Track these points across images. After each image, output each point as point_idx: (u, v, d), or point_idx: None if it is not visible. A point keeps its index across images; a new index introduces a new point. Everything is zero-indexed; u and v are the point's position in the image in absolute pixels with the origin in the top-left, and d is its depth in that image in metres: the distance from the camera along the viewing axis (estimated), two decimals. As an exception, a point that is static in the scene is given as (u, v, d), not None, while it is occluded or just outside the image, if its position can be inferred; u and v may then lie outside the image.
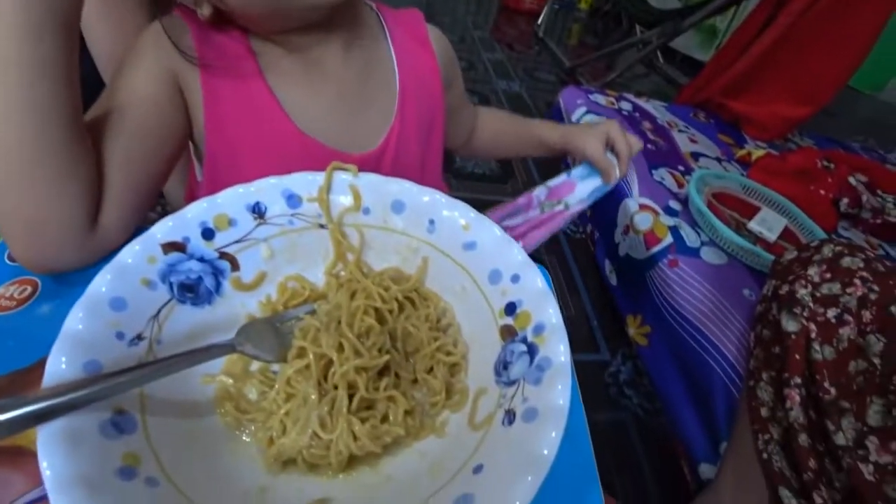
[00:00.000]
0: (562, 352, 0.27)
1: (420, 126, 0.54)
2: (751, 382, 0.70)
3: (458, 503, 0.22)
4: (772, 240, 1.05)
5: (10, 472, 0.26)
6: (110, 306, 0.27)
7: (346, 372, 0.29)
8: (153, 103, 0.40)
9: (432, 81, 0.55)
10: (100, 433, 0.23)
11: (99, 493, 0.20)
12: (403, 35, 0.54)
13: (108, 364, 0.25)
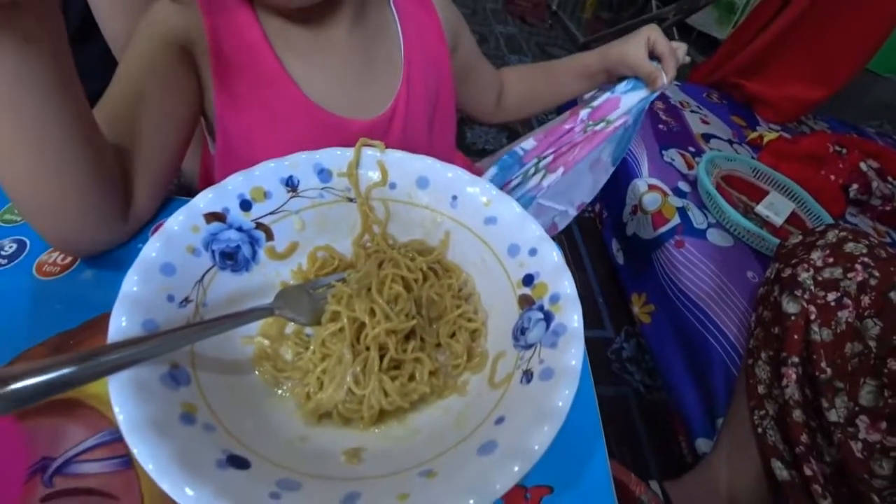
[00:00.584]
0: (576, 319, 0.30)
1: (427, 88, 0.55)
2: (749, 361, 0.73)
3: (484, 448, 0.25)
4: (778, 224, 1.07)
5: (66, 421, 0.29)
6: (161, 271, 0.30)
7: (377, 334, 0.31)
8: (167, 79, 0.42)
9: (437, 43, 0.56)
10: (161, 383, 0.26)
11: (167, 435, 0.23)
12: (408, 1, 0.55)
13: (163, 323, 0.28)
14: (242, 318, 0.31)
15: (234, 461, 0.24)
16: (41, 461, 0.28)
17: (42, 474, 0.27)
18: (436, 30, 0.56)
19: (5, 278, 0.36)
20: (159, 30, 0.42)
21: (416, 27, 0.54)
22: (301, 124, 0.47)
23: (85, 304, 0.35)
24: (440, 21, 0.56)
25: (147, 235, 0.40)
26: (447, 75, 0.57)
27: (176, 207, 0.42)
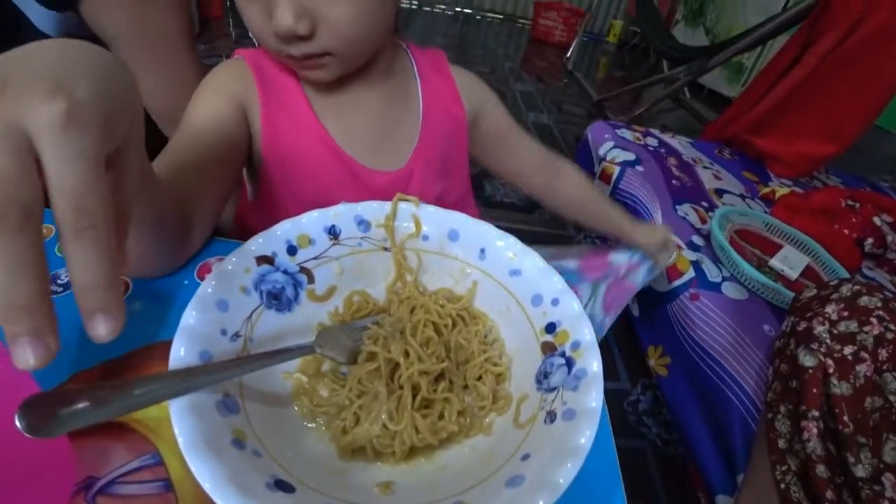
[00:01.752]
0: (595, 364, 0.32)
1: (441, 147, 0.60)
2: (769, 415, 0.73)
3: (512, 482, 0.27)
4: (793, 277, 1.08)
5: (112, 443, 0.31)
6: (216, 307, 0.33)
7: (411, 374, 0.34)
8: (227, 130, 0.48)
9: (452, 106, 0.61)
10: (215, 409, 0.28)
11: (221, 457, 0.25)
12: (429, 69, 0.61)
13: (216, 354, 0.31)
14: (287, 355, 0.34)
15: (281, 485, 0.26)
16: (87, 480, 0.29)
17: (86, 493, 0.29)
18: (451, 94, 0.61)
19: (59, 305, 0.39)
20: (220, 89, 0.49)
21: (436, 93, 0.60)
22: (333, 171, 0.53)
23: (132, 334, 0.38)
24: (456, 86, 0.62)
25: (191, 272, 0.44)
26: (462, 136, 0.62)
27: (215, 247, 0.46)
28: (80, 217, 0.20)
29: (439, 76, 0.62)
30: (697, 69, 2.28)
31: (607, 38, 4.97)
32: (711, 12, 3.75)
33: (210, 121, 0.47)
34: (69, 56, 0.24)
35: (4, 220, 0.18)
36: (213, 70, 0.52)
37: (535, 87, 3.20)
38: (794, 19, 1.77)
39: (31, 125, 0.20)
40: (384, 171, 0.56)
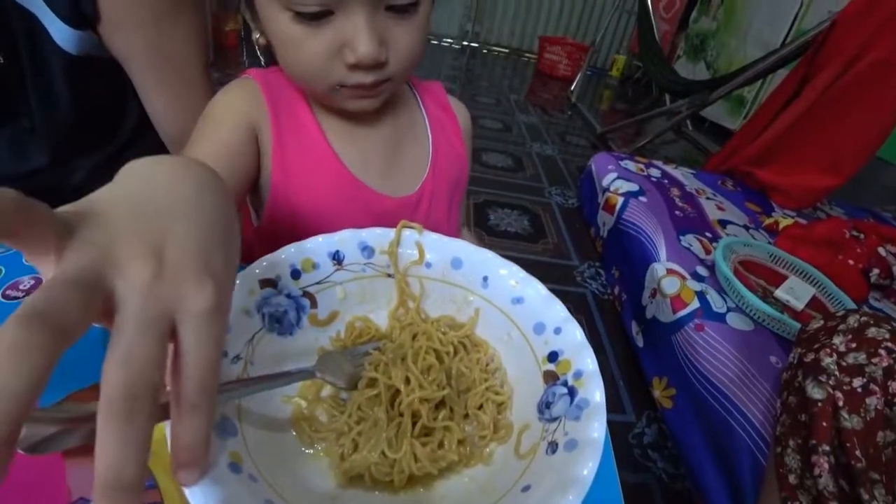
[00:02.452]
0: (598, 395, 0.32)
1: (450, 179, 0.61)
2: (778, 449, 0.72)
3: (511, 515, 0.27)
4: (799, 308, 1.07)
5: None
6: None
7: (412, 402, 0.34)
8: (238, 151, 0.48)
9: (456, 142, 0.63)
10: (213, 432, 0.28)
11: (218, 481, 0.25)
12: (431, 101, 0.63)
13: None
14: (287, 379, 0.34)
15: (277, 513, 0.26)
16: (78, 501, 0.29)
17: (78, 514, 0.28)
18: (456, 131, 0.63)
19: None
20: (228, 114, 0.50)
21: (442, 127, 0.62)
22: (343, 194, 0.54)
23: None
24: (459, 123, 0.64)
25: None
26: (463, 170, 0.64)
27: None
28: (202, 394, 0.22)
29: (442, 110, 0.63)
30: (699, 102, 2.31)
31: (610, 73, 5.06)
32: (712, 48, 3.83)
33: (219, 145, 0.47)
34: (202, 213, 0.25)
35: (141, 402, 0.19)
36: (222, 91, 0.52)
37: (539, 119, 3.25)
38: (794, 54, 1.81)
39: (182, 310, 0.21)
40: (394, 197, 0.56)
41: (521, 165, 2.42)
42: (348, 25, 0.42)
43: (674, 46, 4.38)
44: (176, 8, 0.58)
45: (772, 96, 1.80)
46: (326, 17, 0.42)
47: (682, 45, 4.26)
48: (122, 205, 0.24)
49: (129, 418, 0.19)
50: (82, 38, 0.56)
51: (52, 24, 0.54)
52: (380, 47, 0.43)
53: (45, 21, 0.54)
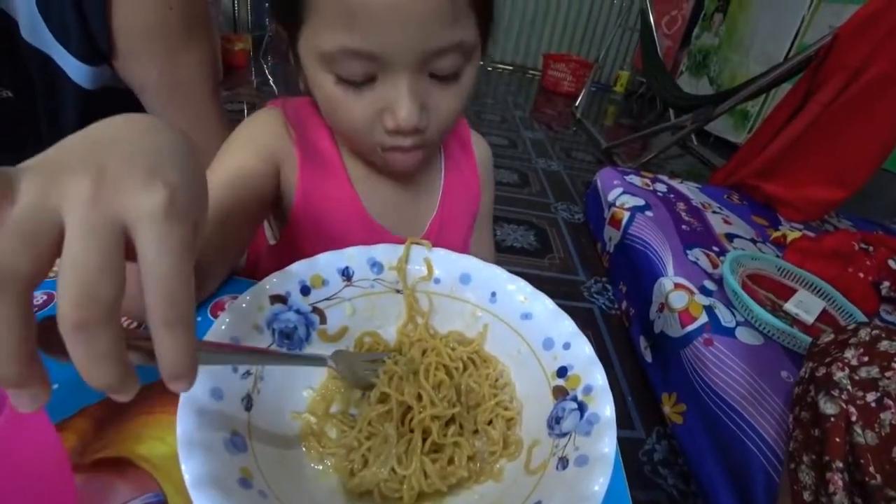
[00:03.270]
0: (608, 409, 0.32)
1: (461, 217, 0.62)
2: (791, 465, 0.71)
3: (523, 531, 0.27)
4: (809, 322, 1.06)
5: (115, 479, 0.31)
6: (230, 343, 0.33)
7: (423, 419, 0.34)
8: (257, 185, 0.48)
9: (471, 177, 0.64)
10: (223, 447, 0.28)
11: (229, 496, 0.25)
12: (452, 139, 0.63)
13: (227, 392, 0.31)
14: (300, 361, 0.35)
15: (287, 529, 0.26)
16: None
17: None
18: (471, 165, 0.64)
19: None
20: (255, 143, 0.50)
21: (456, 164, 0.62)
22: (359, 232, 0.55)
23: (143, 368, 0.39)
24: (476, 162, 0.64)
25: (205, 309, 0.44)
26: (475, 209, 0.65)
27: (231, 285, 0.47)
28: (172, 309, 0.21)
29: (461, 148, 0.64)
30: (704, 117, 2.32)
31: (614, 88, 5.10)
32: (715, 63, 3.85)
33: (241, 174, 0.47)
34: (154, 140, 0.24)
35: (93, 313, 0.19)
36: (248, 120, 0.53)
37: (544, 135, 3.27)
38: (796, 68, 1.82)
39: (130, 215, 0.20)
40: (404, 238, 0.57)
41: (527, 181, 2.43)
42: (390, 91, 0.42)
43: (677, 62, 4.41)
44: (188, 35, 0.59)
45: (776, 110, 1.81)
46: (369, 83, 0.43)
47: (685, 61, 4.29)
48: (70, 143, 0.23)
49: (86, 330, 0.19)
50: (97, 72, 0.57)
51: (68, 63, 0.56)
52: (420, 113, 0.43)
53: (60, 61, 0.55)
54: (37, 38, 0.54)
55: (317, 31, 0.41)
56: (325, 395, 0.37)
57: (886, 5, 1.46)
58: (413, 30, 0.39)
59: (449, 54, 0.42)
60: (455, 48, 0.42)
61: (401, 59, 0.41)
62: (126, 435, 0.33)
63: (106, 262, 0.19)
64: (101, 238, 0.20)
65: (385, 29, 0.39)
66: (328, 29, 0.40)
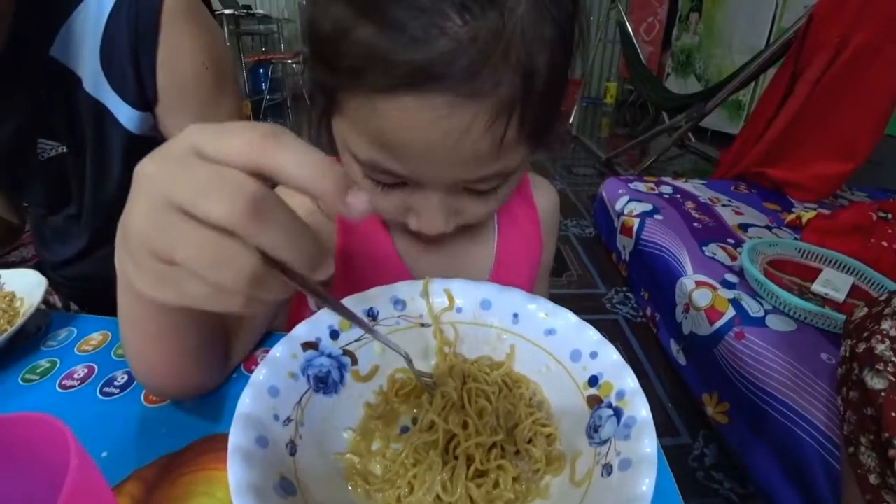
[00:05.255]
0: (644, 410, 0.32)
1: (520, 273, 0.58)
2: (850, 449, 0.68)
3: (577, 540, 0.27)
4: (840, 300, 1.04)
5: None
6: (268, 393, 0.34)
7: (467, 447, 0.34)
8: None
9: (531, 233, 0.59)
10: (274, 492, 0.28)
11: None
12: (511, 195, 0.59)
13: (272, 439, 0.31)
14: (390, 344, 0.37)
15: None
16: None
17: None
18: (533, 219, 0.59)
19: (118, 406, 0.42)
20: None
21: (513, 220, 0.58)
22: None
23: (188, 428, 0.40)
24: (538, 214, 0.59)
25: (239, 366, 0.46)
26: (535, 264, 0.61)
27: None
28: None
29: (521, 200, 0.59)
30: (697, 114, 2.34)
31: (605, 101, 5.17)
32: (699, 60, 3.90)
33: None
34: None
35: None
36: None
37: (543, 157, 3.30)
38: (778, 53, 1.84)
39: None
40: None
41: (533, 203, 2.45)
42: (420, 200, 0.41)
43: (661, 66, 4.47)
44: (219, 92, 0.67)
45: (765, 96, 1.82)
46: (400, 185, 0.40)
47: (670, 63, 4.35)
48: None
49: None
50: (144, 118, 0.65)
51: (120, 110, 0.63)
52: (447, 221, 0.41)
53: (113, 109, 0.63)
54: (97, 89, 0.62)
55: (351, 132, 0.38)
56: (364, 435, 0.38)
57: (858, -21, 1.49)
58: (451, 168, 0.36)
59: (488, 180, 0.40)
60: (495, 176, 0.39)
61: (436, 183, 0.39)
62: (176, 493, 0.34)
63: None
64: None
65: (421, 162, 0.36)
66: (363, 138, 0.37)
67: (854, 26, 1.51)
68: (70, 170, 0.66)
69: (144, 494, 0.34)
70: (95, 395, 0.43)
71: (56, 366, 0.47)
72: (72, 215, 0.71)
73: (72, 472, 0.22)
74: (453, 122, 0.32)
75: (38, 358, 0.48)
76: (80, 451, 0.23)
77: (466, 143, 0.33)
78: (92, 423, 0.40)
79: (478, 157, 0.35)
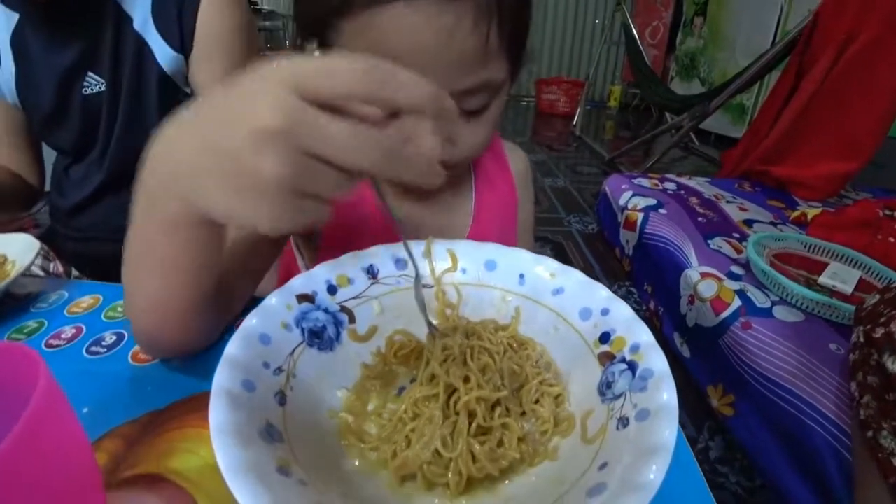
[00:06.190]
0: (660, 362, 0.30)
1: (499, 232, 0.60)
2: (869, 433, 0.66)
3: (592, 492, 0.24)
4: (849, 292, 1.02)
5: (147, 495, 0.30)
6: (259, 340, 0.32)
7: (468, 401, 0.32)
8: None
9: (507, 191, 0.62)
10: (258, 436, 0.26)
11: (267, 483, 0.23)
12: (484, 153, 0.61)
13: (259, 385, 0.29)
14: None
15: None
16: None
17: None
18: (507, 178, 0.63)
19: (103, 364, 0.41)
20: None
21: (488, 179, 0.61)
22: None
23: (174, 387, 0.39)
24: (511, 170, 0.63)
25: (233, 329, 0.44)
26: (513, 218, 0.64)
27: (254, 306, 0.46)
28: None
29: (495, 162, 0.63)
30: (701, 113, 2.32)
31: (609, 104, 5.16)
32: (703, 64, 3.90)
33: None
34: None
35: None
36: None
37: (547, 156, 3.29)
38: (783, 53, 1.82)
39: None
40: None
41: (536, 200, 2.43)
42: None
43: (665, 69, 4.47)
44: (248, 56, 0.74)
45: (772, 95, 1.80)
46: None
47: (674, 66, 4.35)
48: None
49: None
50: (178, 60, 0.72)
51: (159, 48, 0.71)
52: (444, 147, 0.43)
53: (154, 46, 0.71)
54: (144, 28, 0.70)
55: None
56: (360, 394, 0.36)
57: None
58: (444, 72, 0.38)
59: (477, 93, 0.42)
60: (482, 87, 0.42)
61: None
62: (158, 450, 0.32)
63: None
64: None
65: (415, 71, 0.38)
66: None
67: (859, 23, 1.50)
68: (105, 109, 0.72)
69: (124, 450, 0.32)
70: (81, 355, 0.42)
71: (44, 326, 0.46)
72: (93, 161, 0.76)
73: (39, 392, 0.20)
74: (442, 21, 0.36)
75: (26, 319, 0.47)
76: (49, 377, 0.21)
77: (455, 44, 0.37)
78: (75, 380, 0.39)
79: (465, 59, 0.39)
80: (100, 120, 0.73)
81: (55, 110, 0.72)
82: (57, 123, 0.74)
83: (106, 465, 0.31)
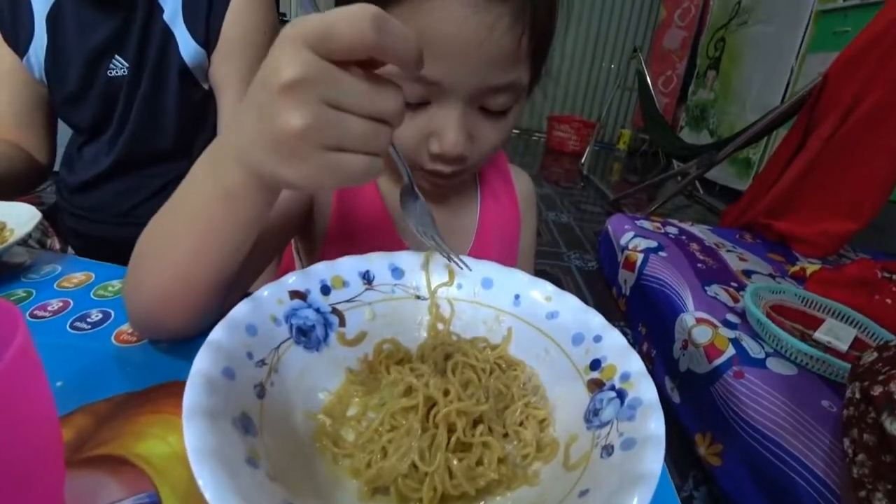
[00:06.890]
0: (650, 391, 0.29)
1: (500, 247, 0.61)
2: (861, 493, 0.64)
3: (571, 516, 0.24)
4: (844, 350, 1.01)
5: (108, 477, 0.29)
6: (245, 330, 0.31)
7: (448, 413, 0.31)
8: (288, 204, 0.49)
9: (510, 209, 0.63)
10: (232, 425, 0.25)
11: (231, 471, 0.22)
12: (490, 168, 0.64)
13: (240, 375, 0.28)
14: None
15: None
16: None
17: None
18: (511, 197, 0.64)
19: (85, 341, 0.40)
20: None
21: (495, 195, 0.63)
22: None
23: (154, 370, 0.38)
24: (515, 189, 0.65)
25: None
26: (516, 235, 0.65)
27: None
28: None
29: (501, 179, 0.64)
30: (708, 162, 2.35)
31: (618, 146, 5.23)
32: (713, 116, 3.96)
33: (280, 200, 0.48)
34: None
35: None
36: None
37: (553, 191, 3.32)
38: (792, 110, 1.86)
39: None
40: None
41: (539, 233, 2.44)
42: (441, 118, 0.43)
43: (676, 118, 4.54)
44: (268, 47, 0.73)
45: (779, 149, 1.83)
46: (423, 106, 0.44)
47: (684, 117, 4.42)
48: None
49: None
50: (200, 55, 0.74)
51: (185, 41, 0.73)
52: (466, 142, 0.44)
53: (179, 38, 0.73)
54: (173, 20, 0.72)
55: None
56: (341, 398, 0.35)
57: (871, 42, 1.52)
58: (479, 65, 0.41)
59: (503, 92, 0.44)
60: (509, 87, 0.44)
61: (459, 90, 0.42)
62: (127, 431, 0.32)
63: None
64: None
65: (453, 60, 0.40)
66: None
67: (867, 86, 1.53)
68: (124, 92, 0.73)
69: (93, 428, 0.31)
70: (64, 328, 0.41)
71: (31, 296, 0.45)
72: (105, 142, 0.78)
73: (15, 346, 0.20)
74: (483, 18, 0.39)
75: (14, 287, 0.46)
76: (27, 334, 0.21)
77: (492, 41, 0.40)
78: (54, 352, 0.38)
79: (499, 57, 0.42)
80: (117, 103, 0.74)
81: (79, 88, 0.73)
82: (79, 101, 0.75)
83: (72, 441, 0.30)
